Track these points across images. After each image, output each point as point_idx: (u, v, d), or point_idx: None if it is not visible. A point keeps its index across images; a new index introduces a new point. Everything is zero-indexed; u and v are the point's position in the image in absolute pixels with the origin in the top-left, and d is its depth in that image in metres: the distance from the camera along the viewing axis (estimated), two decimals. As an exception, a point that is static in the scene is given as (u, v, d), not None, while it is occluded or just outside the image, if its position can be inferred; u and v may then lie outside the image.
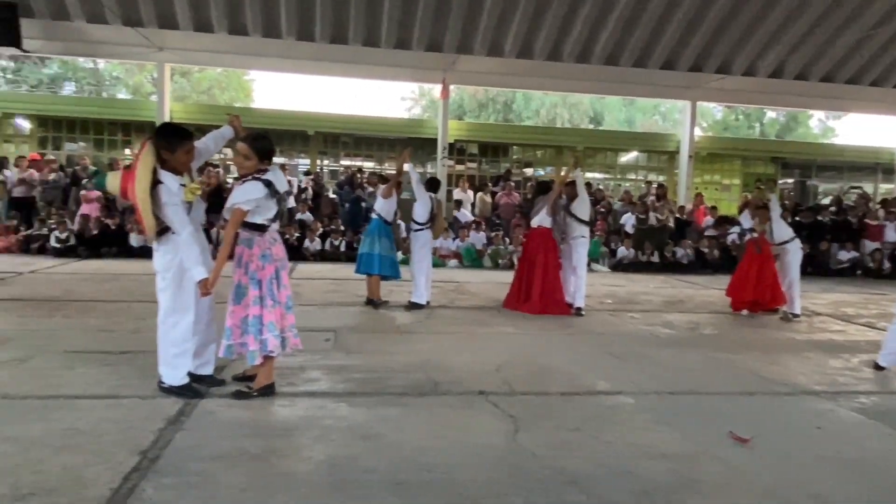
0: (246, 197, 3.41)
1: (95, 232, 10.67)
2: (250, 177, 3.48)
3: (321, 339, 5.19)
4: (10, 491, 2.39)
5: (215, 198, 7.95)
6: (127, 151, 15.70)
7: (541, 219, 6.96)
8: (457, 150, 16.32)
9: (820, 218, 13.04)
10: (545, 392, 3.99)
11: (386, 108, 45.15)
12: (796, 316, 7.26)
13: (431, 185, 7.35)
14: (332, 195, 13.88)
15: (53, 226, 10.82)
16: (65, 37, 12.83)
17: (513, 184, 14.21)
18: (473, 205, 13.75)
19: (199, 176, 3.89)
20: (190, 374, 3.65)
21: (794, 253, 7.51)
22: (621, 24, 13.44)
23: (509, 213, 13.20)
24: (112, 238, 10.80)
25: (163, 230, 3.43)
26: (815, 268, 11.68)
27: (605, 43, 13.78)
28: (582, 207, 7.12)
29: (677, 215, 13.05)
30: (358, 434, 3.15)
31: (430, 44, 13.64)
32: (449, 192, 14.53)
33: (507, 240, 12.02)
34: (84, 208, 11.32)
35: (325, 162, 16.81)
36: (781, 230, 7.54)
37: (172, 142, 3.44)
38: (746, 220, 7.81)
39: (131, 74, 25.04)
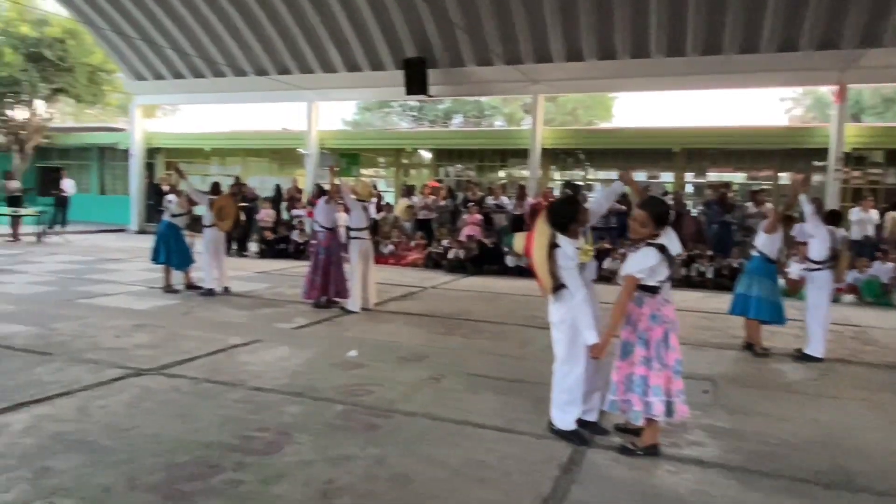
0: (640, 266, 3.46)
1: (477, 252, 12.13)
2: (644, 243, 3.51)
3: (699, 389, 4.93)
4: (445, 517, 2.86)
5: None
6: (501, 174, 17.55)
7: None
8: (854, 160, 13.82)
9: None
10: None
11: (759, 114, 40.97)
12: None
13: (832, 217, 6.37)
14: (695, 213, 13.21)
15: (447, 245, 12.70)
16: (459, 80, 14.95)
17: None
18: (880, 227, 11.45)
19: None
20: (578, 422, 3.84)
21: None
22: None
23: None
24: (492, 256, 12.16)
25: (558, 287, 3.69)
26: None
27: None
28: None
29: None
30: (758, 526, 2.88)
31: (823, 41, 11.87)
32: (834, 211, 12.39)
33: (929, 273, 9.69)
34: (467, 230, 13.00)
35: (689, 176, 16.02)
36: None
37: (564, 217, 3.69)
38: None
39: (506, 104, 28.04)
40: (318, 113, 17.25)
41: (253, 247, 14.40)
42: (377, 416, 4.10)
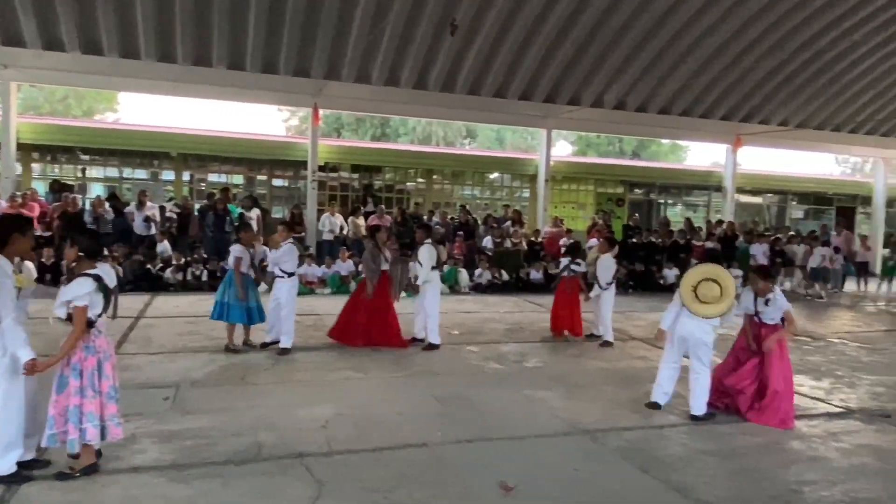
0: (74, 293, 3.66)
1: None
2: (81, 274, 3.74)
3: (160, 397, 5.38)
4: None
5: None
6: None
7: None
8: (329, 169, 16.61)
9: (654, 240, 14.65)
10: (361, 449, 4.47)
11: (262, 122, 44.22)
12: (609, 343, 8.32)
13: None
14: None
15: None
16: None
17: (383, 207, 14.77)
18: (342, 228, 14.10)
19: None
20: (18, 463, 3.79)
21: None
22: (481, 57, 14.29)
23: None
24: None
25: None
26: (646, 286, 13.24)
27: (468, 74, 14.58)
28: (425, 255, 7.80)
29: (532, 238, 14.20)
30: (174, 513, 3.49)
31: (298, 69, 13.79)
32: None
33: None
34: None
35: (187, 179, 16.43)
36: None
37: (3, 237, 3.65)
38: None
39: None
40: None
41: None
42: None
